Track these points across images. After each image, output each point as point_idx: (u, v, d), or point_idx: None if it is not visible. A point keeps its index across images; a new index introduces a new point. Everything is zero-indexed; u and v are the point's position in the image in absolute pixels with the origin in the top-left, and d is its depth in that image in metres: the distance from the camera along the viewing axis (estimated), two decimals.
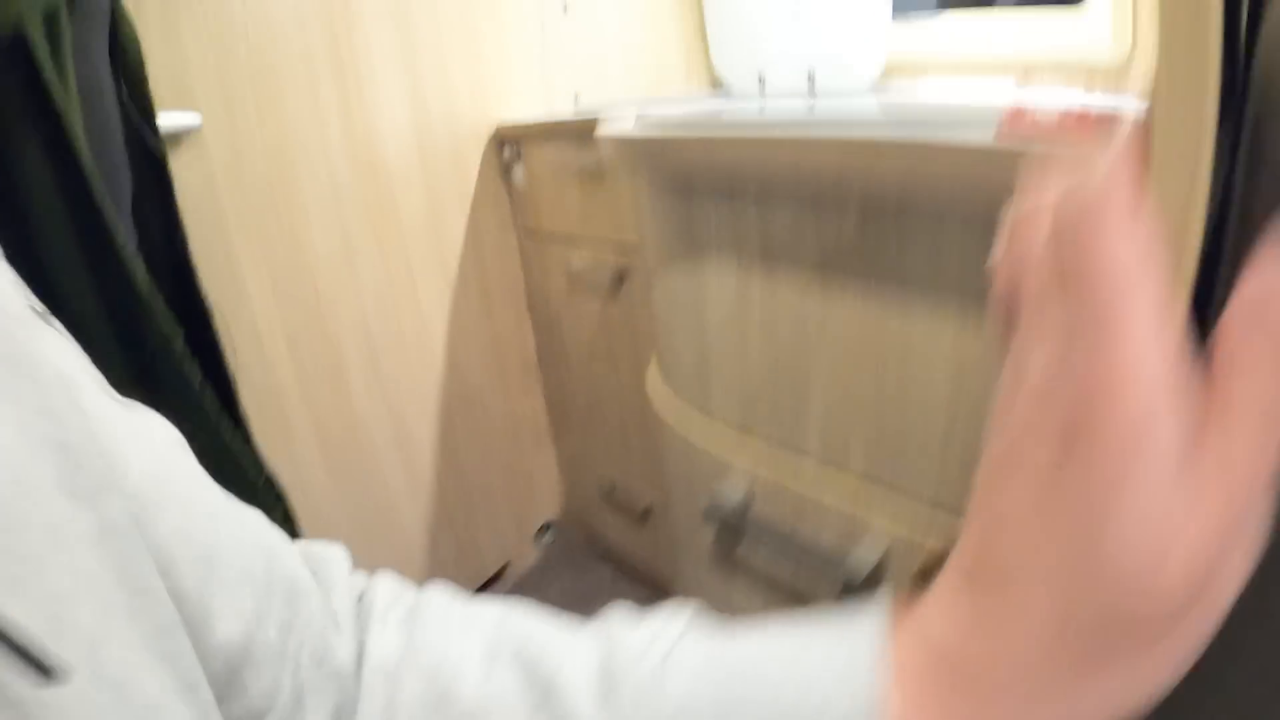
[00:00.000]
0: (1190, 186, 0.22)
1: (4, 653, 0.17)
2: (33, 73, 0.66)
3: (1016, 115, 0.55)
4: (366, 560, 0.34)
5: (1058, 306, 0.22)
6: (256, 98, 1.19)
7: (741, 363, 0.90)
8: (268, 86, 1.20)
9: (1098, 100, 0.69)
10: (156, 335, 0.78)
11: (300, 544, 0.34)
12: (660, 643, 0.28)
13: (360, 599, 0.34)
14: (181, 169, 1.08)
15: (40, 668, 0.17)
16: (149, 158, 0.88)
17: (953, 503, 0.72)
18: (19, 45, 0.65)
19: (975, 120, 0.57)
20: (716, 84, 1.79)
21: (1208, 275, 0.23)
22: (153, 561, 0.23)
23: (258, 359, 1.25)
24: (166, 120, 1.03)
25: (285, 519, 0.99)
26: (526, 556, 1.76)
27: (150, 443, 0.27)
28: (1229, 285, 0.21)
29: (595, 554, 1.76)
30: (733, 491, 0.91)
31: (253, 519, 0.31)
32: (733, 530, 0.94)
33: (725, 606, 1.01)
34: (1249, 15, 0.21)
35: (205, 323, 0.94)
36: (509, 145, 1.48)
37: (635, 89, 1.74)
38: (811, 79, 1.59)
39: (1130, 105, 0.24)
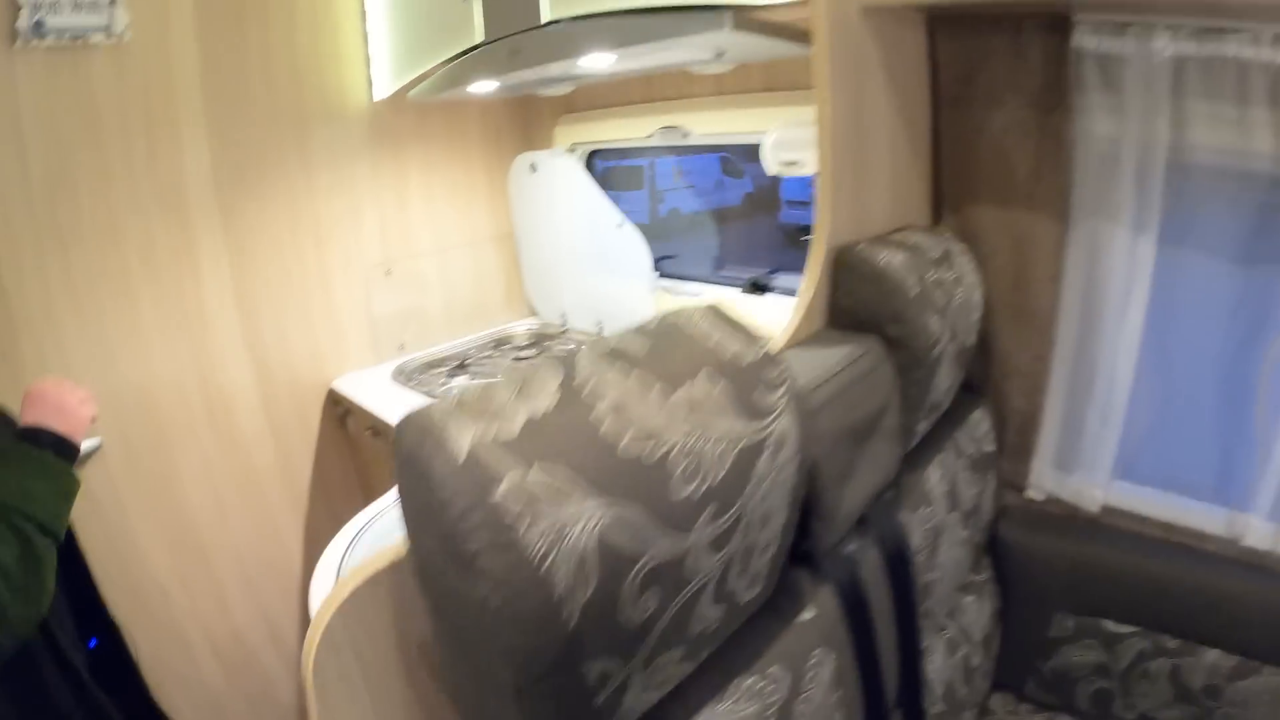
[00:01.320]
0: None
1: None
2: None
3: None
4: None
5: None
6: (143, 418, 1.66)
7: None
8: (149, 409, 1.68)
9: None
10: None
11: None
12: None
13: None
14: (91, 480, 1.55)
15: None
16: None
17: None
18: None
19: None
20: (533, 311, 2.26)
21: None
22: None
23: (158, 595, 1.73)
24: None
25: None
26: None
27: None
28: None
29: None
30: None
31: None
32: None
33: None
34: None
35: (117, 637, 1.38)
36: (340, 403, 1.95)
37: (457, 325, 2.20)
38: (600, 325, 2.05)
39: None
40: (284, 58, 1.82)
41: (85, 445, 1.43)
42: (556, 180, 2.03)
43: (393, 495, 1.28)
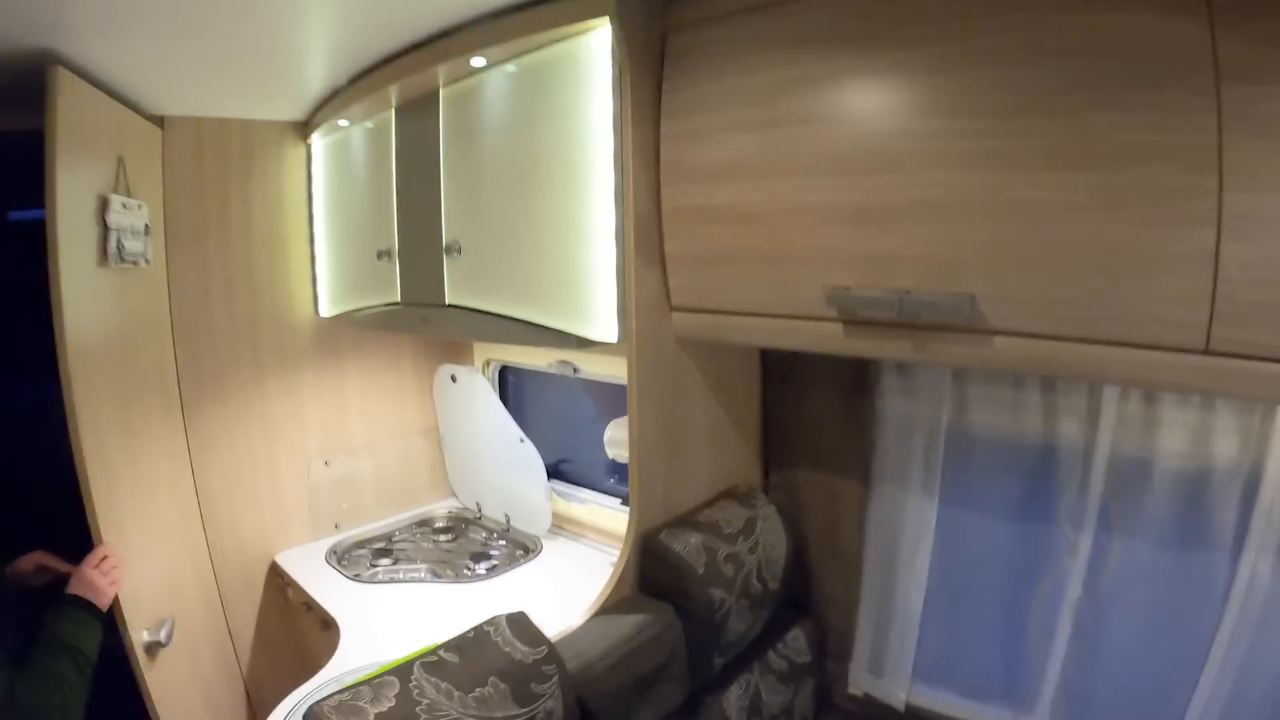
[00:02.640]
0: None
1: None
2: None
3: None
4: None
5: None
6: (174, 600, 2.10)
7: None
8: (177, 592, 2.15)
9: None
10: None
11: None
12: None
13: None
14: (176, 654, 2.00)
15: None
16: None
17: None
18: None
19: None
20: (453, 494, 2.84)
21: None
22: None
23: None
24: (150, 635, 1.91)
25: None
26: None
27: None
28: None
29: None
30: None
31: None
32: None
33: None
34: None
35: None
36: (282, 576, 2.48)
37: (386, 506, 2.75)
38: (508, 518, 2.60)
39: None
40: (241, 273, 2.39)
41: (165, 628, 1.95)
42: (474, 392, 2.59)
43: (321, 677, 1.81)
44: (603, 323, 1.64)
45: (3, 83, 1.74)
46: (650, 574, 1.69)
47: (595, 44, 1.57)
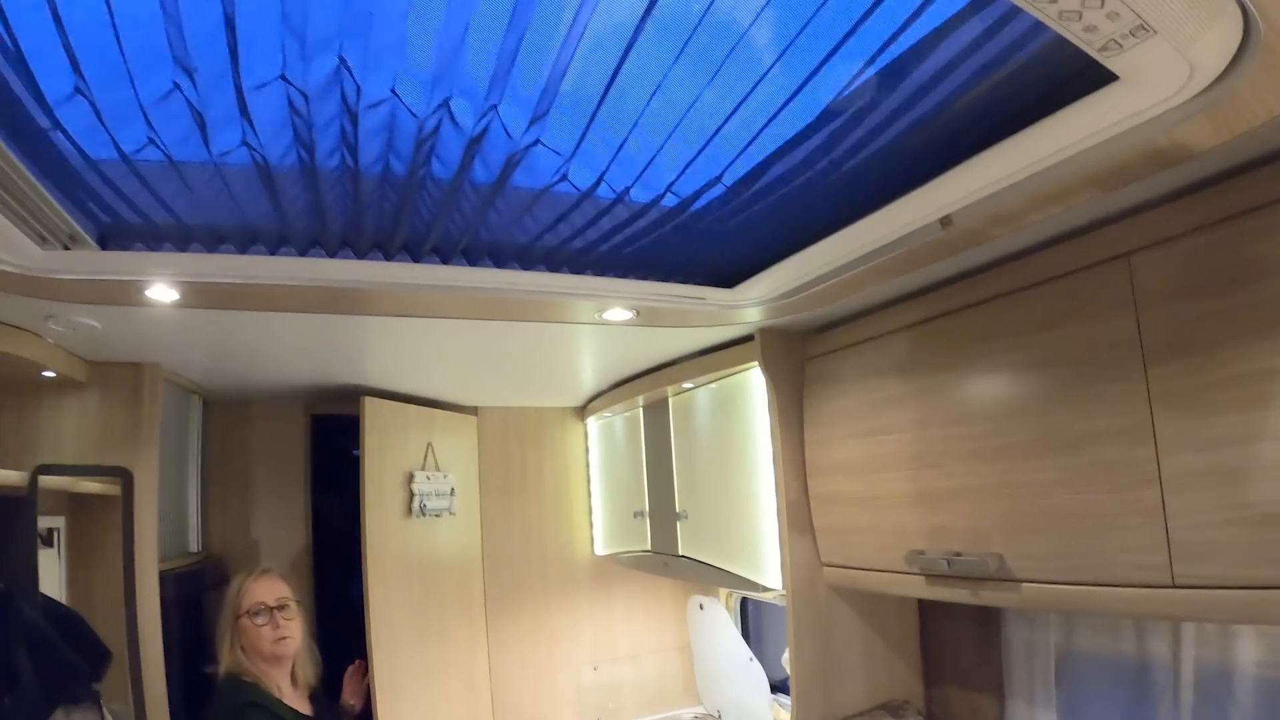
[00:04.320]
0: None
1: None
2: None
3: None
4: None
5: None
6: None
7: None
8: None
9: None
10: None
11: None
12: None
13: None
14: None
15: None
16: None
17: None
18: None
19: None
20: (699, 703, 3.64)
21: None
22: None
23: None
24: None
25: None
26: None
27: None
28: None
29: None
30: None
31: None
32: None
33: None
34: None
35: None
36: None
37: (643, 708, 3.59)
38: None
39: None
40: (536, 519, 3.48)
41: None
42: (715, 619, 3.40)
43: None
44: (775, 574, 2.44)
45: (334, 392, 2.98)
46: None
47: (758, 376, 2.45)
